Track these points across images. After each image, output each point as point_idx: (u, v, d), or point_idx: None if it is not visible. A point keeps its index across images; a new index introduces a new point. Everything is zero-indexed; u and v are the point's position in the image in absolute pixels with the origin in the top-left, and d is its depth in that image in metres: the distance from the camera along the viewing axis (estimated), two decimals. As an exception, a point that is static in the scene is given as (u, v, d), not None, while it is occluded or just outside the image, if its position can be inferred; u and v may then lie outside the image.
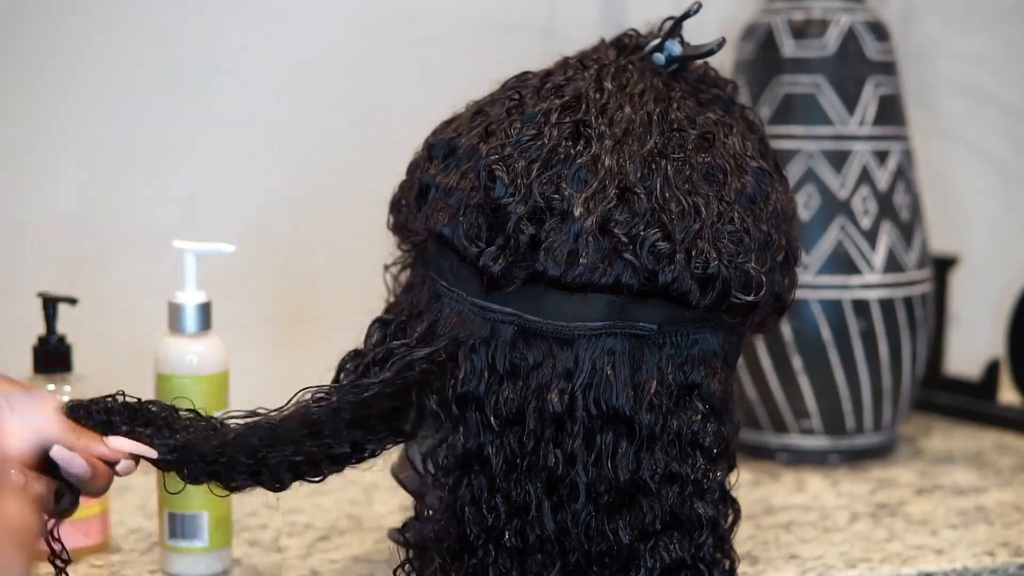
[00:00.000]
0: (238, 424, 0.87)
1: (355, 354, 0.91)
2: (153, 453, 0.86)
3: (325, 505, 1.18)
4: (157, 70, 1.40)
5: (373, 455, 0.93)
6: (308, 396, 0.88)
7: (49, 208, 1.38)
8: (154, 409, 0.87)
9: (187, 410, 0.88)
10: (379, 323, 0.92)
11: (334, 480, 1.25)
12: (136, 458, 0.86)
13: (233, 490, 0.89)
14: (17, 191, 1.37)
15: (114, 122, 1.39)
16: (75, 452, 0.83)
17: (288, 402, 0.88)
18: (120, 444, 0.86)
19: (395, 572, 0.91)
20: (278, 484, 0.90)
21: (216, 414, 0.89)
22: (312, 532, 1.11)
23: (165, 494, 0.99)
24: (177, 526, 0.99)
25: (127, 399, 0.87)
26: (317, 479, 0.91)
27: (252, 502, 1.18)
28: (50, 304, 1.04)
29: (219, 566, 1.01)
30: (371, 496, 1.21)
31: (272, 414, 0.88)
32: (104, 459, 0.85)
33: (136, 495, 1.20)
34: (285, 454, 0.88)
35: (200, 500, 0.99)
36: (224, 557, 1.01)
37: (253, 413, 0.88)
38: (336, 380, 0.91)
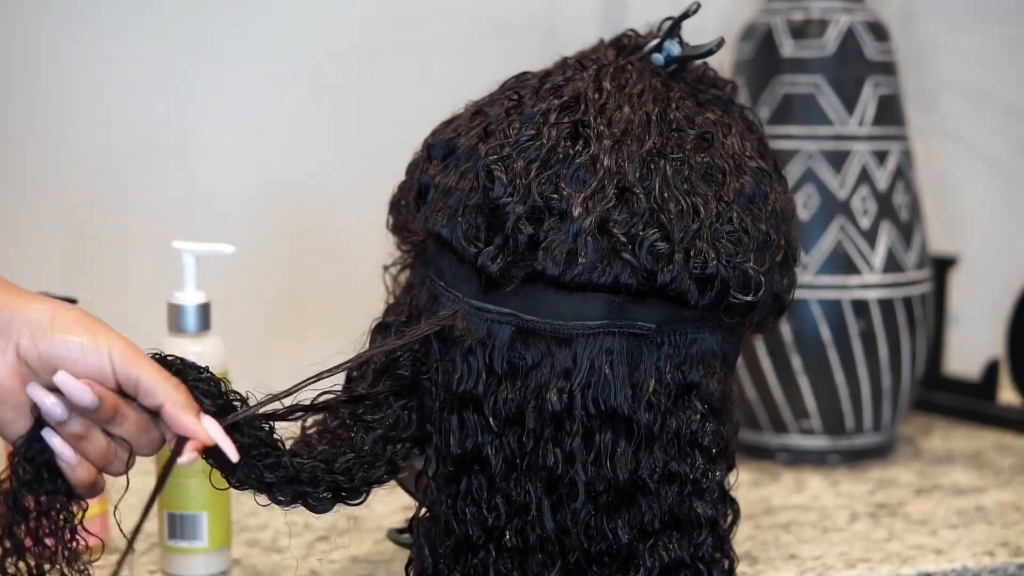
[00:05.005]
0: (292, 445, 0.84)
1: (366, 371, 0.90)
2: (235, 456, 0.79)
3: (325, 505, 1.18)
4: (157, 70, 1.41)
5: (399, 471, 0.90)
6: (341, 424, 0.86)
7: (49, 208, 1.38)
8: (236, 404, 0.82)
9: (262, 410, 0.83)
10: (380, 328, 0.92)
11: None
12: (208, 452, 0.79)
13: (275, 502, 0.85)
14: (17, 191, 1.37)
15: (114, 122, 1.39)
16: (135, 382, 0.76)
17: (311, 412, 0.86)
18: (213, 430, 0.79)
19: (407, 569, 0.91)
20: (317, 506, 0.86)
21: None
22: (311, 532, 1.11)
23: (165, 494, 0.99)
24: (177, 526, 0.99)
25: (211, 376, 0.82)
26: (356, 502, 0.88)
27: (252, 503, 1.18)
28: (50, 304, 1.04)
29: (219, 566, 1.01)
30: (371, 496, 1.20)
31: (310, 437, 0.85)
32: (182, 434, 0.78)
33: (136, 495, 1.20)
34: (338, 481, 0.85)
35: (200, 500, 0.99)
36: (224, 557, 1.01)
37: (274, 416, 0.84)
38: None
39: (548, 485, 0.85)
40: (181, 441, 0.79)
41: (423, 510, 0.90)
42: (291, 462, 0.83)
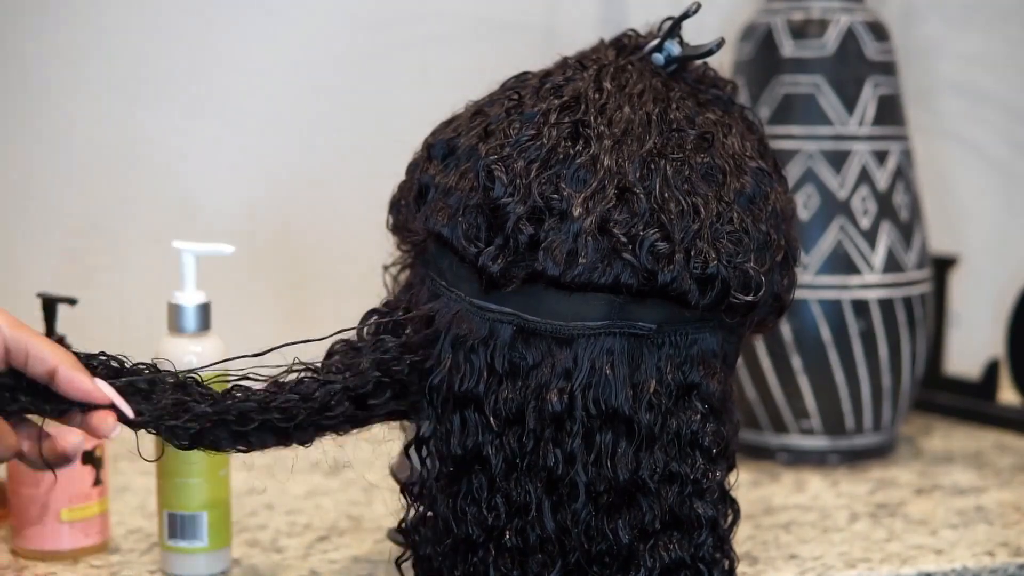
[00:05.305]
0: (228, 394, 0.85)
1: (346, 345, 0.91)
2: (130, 413, 0.81)
3: (325, 505, 1.18)
4: (157, 70, 1.41)
5: (366, 424, 0.90)
6: (298, 376, 0.87)
7: (49, 208, 1.38)
8: (143, 370, 0.84)
9: (169, 372, 0.85)
10: (371, 312, 0.92)
11: (334, 480, 1.25)
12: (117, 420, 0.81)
13: (217, 451, 0.86)
14: (17, 191, 1.37)
15: (114, 122, 1.39)
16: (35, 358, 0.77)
17: (281, 375, 0.87)
18: (106, 388, 0.80)
19: (398, 566, 0.91)
20: (262, 446, 0.87)
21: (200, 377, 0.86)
22: (312, 532, 1.11)
23: (165, 494, 0.99)
24: (177, 526, 0.99)
25: (112, 357, 0.84)
26: (304, 444, 0.88)
27: (252, 503, 1.18)
28: (50, 304, 1.04)
29: (219, 566, 1.01)
30: (371, 496, 1.21)
31: (267, 387, 0.86)
32: (80, 398, 0.80)
33: (136, 495, 1.20)
34: (274, 419, 0.86)
35: (200, 500, 0.99)
36: (224, 557, 1.01)
37: (244, 378, 0.86)
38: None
39: (548, 485, 0.85)
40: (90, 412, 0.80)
41: (420, 511, 0.90)
42: (213, 408, 0.83)
